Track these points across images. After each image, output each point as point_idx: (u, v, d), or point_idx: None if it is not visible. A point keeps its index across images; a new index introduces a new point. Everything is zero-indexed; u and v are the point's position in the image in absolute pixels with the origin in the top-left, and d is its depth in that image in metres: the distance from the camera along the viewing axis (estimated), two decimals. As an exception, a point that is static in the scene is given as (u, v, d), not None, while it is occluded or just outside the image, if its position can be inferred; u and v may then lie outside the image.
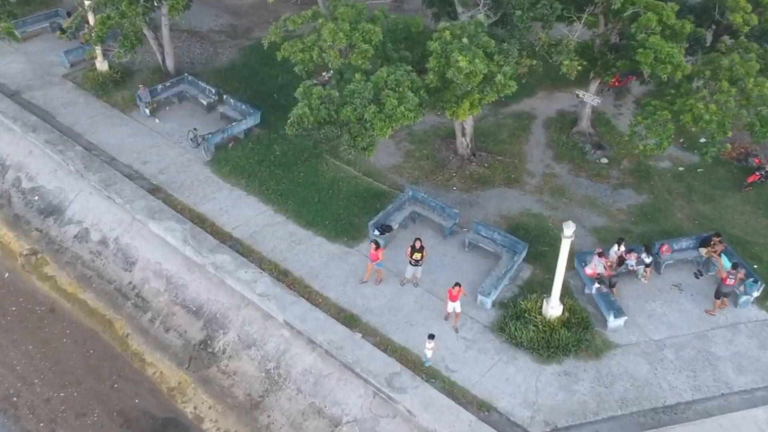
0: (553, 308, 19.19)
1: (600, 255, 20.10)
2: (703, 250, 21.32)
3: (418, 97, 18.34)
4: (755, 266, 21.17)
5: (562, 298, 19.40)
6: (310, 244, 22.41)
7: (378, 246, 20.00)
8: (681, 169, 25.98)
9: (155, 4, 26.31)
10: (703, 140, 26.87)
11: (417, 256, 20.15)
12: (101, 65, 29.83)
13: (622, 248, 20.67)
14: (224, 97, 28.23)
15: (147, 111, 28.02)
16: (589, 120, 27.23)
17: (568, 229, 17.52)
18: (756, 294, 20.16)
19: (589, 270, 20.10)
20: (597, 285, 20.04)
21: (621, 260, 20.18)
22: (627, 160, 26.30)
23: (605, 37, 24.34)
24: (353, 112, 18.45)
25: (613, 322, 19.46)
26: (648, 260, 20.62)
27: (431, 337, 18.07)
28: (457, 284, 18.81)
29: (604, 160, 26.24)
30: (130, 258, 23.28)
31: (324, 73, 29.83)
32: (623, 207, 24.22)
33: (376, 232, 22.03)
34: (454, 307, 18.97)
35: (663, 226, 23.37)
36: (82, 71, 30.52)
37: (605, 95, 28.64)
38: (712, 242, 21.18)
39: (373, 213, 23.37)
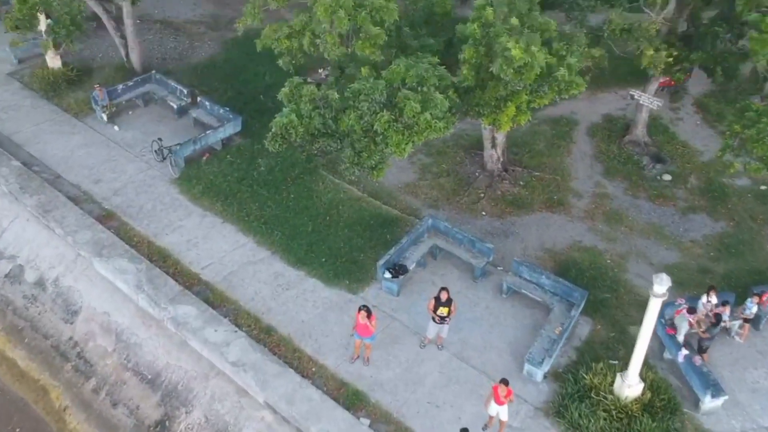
0: (631, 386, 14.13)
1: (690, 311, 15.06)
2: (816, 299, 16.29)
3: (448, 99, 13.29)
4: None
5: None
6: (302, 290, 17.34)
7: (369, 313, 14.67)
8: (763, 187, 20.92)
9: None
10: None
11: (443, 311, 15.08)
12: (53, 61, 24.75)
13: (714, 299, 15.65)
14: (198, 99, 23.16)
15: (104, 116, 22.95)
16: (645, 126, 22.20)
17: (660, 285, 12.48)
18: None
19: (682, 332, 15.00)
20: (685, 351, 14.99)
21: (717, 317, 15.11)
22: (694, 176, 21.28)
23: (673, 23, 19.31)
24: (358, 121, 13.45)
25: (709, 402, 14.41)
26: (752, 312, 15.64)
27: (467, 434, 13.00)
28: (504, 381, 13.41)
29: (667, 177, 21.19)
30: (71, 306, 18.19)
31: (320, 70, 24.81)
32: (698, 238, 19.16)
33: (388, 275, 16.97)
34: (498, 411, 13.72)
35: (751, 264, 18.33)
36: (30, 68, 25.45)
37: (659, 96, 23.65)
38: (829, 289, 16.17)
39: (382, 247, 18.33)
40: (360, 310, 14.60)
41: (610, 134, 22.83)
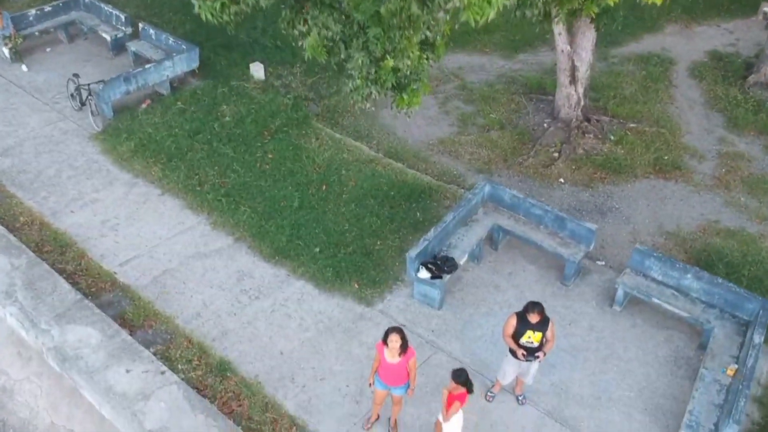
0: None
1: None
2: None
3: None
4: None
5: None
6: (281, 298, 10.53)
7: (405, 342, 7.71)
8: None
9: None
10: None
11: (532, 338, 8.28)
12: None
13: None
14: (141, 27, 16.33)
15: (6, 51, 16.15)
16: (778, 62, 15.52)
17: None
18: None
19: None
20: None
21: None
22: None
23: None
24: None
25: None
26: None
27: None
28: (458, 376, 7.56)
29: (821, 130, 14.49)
30: None
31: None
32: None
33: (424, 273, 10.17)
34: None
35: None
36: None
37: None
38: None
39: (409, 230, 11.63)
40: (388, 334, 7.73)
41: (724, 75, 16.09)
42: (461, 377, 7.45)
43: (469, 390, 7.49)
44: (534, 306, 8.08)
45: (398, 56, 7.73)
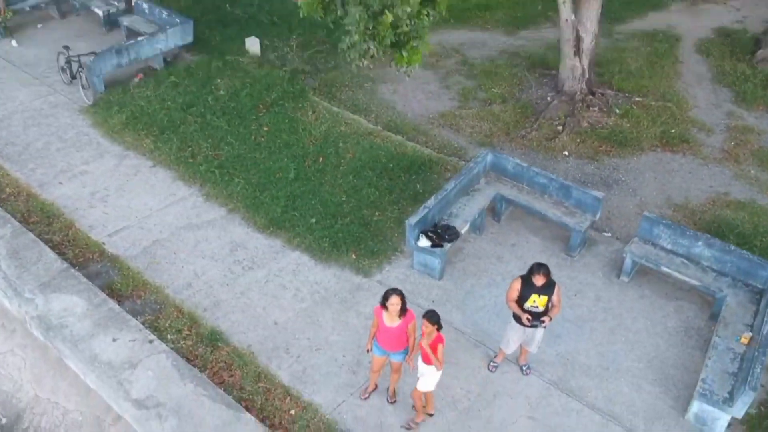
0: None
1: None
2: None
3: None
4: None
5: None
6: (276, 269, 10.14)
7: (404, 304, 7.43)
8: None
9: None
10: None
11: (537, 302, 7.89)
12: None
13: None
14: (134, 1, 15.94)
15: (-4, 27, 15.82)
16: (787, 37, 15.15)
17: None
18: None
19: None
20: None
21: None
22: None
23: None
24: None
25: None
26: None
27: None
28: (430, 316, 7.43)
29: (832, 105, 14.10)
30: None
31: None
32: None
33: (424, 241, 9.78)
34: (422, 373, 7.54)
35: None
36: None
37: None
38: None
39: (409, 201, 11.25)
40: (388, 296, 7.36)
41: (732, 51, 15.70)
42: (435, 317, 7.31)
43: (439, 327, 7.34)
44: (539, 267, 7.70)
45: (397, 3, 7.35)
